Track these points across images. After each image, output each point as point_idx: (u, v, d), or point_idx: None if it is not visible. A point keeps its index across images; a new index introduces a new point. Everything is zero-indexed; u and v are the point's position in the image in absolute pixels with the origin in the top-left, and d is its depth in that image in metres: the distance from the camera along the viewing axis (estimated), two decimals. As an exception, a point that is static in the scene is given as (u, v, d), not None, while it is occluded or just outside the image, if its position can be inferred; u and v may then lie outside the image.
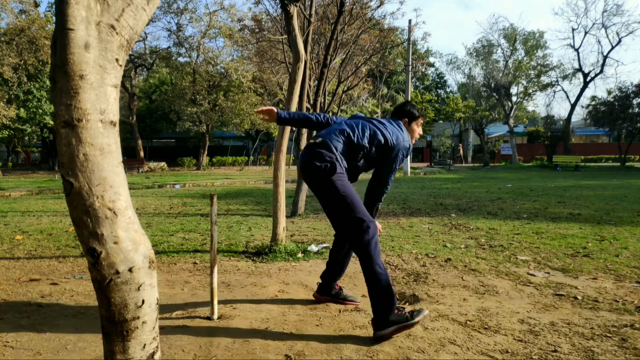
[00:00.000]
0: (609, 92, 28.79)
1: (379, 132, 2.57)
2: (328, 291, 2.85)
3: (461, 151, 35.18)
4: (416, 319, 2.27)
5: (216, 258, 2.58)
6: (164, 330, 2.29)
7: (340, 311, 2.68)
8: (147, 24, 1.37)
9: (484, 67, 34.87)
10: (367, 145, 2.53)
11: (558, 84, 33.21)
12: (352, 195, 2.39)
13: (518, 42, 33.64)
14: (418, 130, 2.86)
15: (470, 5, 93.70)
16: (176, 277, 3.43)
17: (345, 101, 16.88)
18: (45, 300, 2.86)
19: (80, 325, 2.45)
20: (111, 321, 1.27)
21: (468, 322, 2.48)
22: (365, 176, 2.61)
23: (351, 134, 2.53)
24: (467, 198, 9.12)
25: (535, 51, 33.91)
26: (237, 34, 21.83)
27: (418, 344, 2.20)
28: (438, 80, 49.65)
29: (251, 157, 32.28)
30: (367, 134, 2.55)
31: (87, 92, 1.18)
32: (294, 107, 4.43)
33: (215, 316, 2.54)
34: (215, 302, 2.55)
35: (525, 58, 34.03)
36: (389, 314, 2.25)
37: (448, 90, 49.98)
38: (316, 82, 8.89)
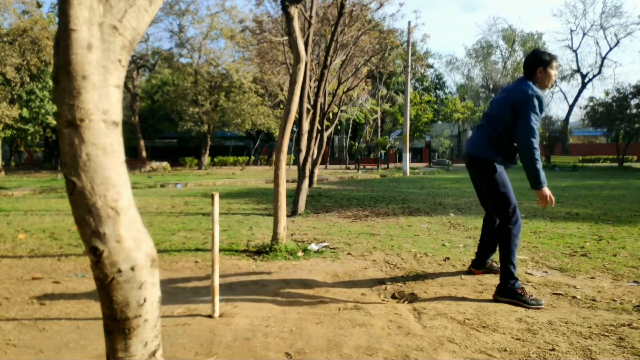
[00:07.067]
0: (607, 93, 28.80)
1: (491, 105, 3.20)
2: (482, 265, 3.43)
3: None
4: (532, 305, 2.71)
5: (217, 257, 2.60)
6: (165, 328, 2.31)
7: (340, 309, 2.70)
8: (149, 25, 1.38)
9: (483, 68, 34.91)
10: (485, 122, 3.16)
11: (556, 85, 33.22)
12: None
13: (517, 43, 33.66)
14: (553, 72, 3.06)
15: (475, 7, 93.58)
16: (178, 276, 3.45)
17: (345, 102, 16.88)
18: (48, 299, 2.88)
19: (82, 323, 2.47)
20: (113, 319, 1.28)
21: (466, 321, 2.50)
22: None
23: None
24: (465, 198, 9.13)
25: (534, 52, 33.93)
26: (239, 35, 21.87)
27: (417, 342, 2.22)
28: (437, 81, 49.60)
29: (252, 157, 32.31)
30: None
31: (90, 92, 1.19)
32: (294, 107, 4.44)
33: (217, 314, 2.56)
34: (217, 300, 2.56)
35: (523, 59, 34.08)
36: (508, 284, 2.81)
37: (447, 91, 49.94)
38: (316, 82, 8.90)
